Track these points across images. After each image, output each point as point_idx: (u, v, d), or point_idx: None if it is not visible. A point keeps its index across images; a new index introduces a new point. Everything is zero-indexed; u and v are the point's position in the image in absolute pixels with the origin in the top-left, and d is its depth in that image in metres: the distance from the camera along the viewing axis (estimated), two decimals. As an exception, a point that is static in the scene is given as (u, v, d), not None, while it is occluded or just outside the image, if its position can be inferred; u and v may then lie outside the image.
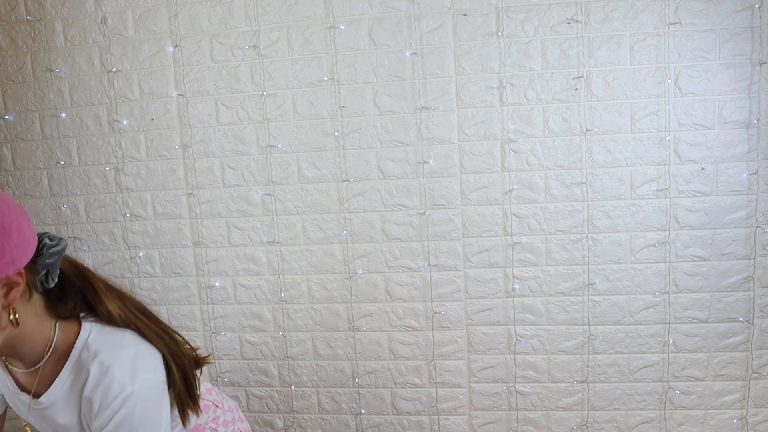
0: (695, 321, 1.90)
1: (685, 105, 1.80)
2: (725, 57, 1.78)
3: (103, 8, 1.99)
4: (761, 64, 1.76)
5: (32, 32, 2.04)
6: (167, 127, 2.02)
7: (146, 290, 2.12)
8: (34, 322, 0.95)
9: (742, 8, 1.75)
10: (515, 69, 1.84)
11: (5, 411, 1.13)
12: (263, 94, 1.94)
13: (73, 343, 0.98)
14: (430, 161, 1.91)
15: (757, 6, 1.74)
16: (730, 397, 1.93)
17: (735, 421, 1.93)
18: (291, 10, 1.90)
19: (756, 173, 1.81)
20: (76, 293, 1.02)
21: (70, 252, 2.13)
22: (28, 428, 1.09)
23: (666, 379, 1.94)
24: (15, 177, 2.13)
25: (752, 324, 1.87)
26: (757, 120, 1.78)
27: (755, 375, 1.90)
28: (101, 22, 2.00)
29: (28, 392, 1.02)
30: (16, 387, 1.04)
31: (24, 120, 2.10)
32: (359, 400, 2.07)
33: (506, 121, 1.86)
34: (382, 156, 1.93)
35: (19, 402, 1.05)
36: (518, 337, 1.97)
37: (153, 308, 2.05)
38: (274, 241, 2.01)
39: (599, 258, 1.90)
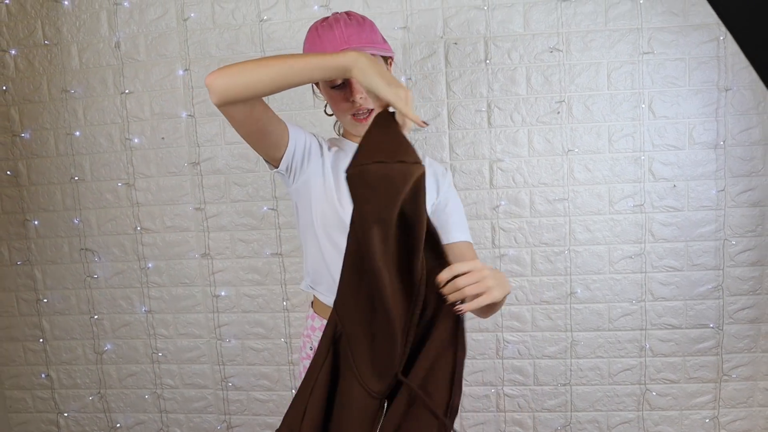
0: (669, 327, 2.11)
1: (658, 127, 2.02)
2: (694, 83, 2.00)
3: (117, 33, 2.19)
4: (726, 90, 1.98)
5: (49, 55, 2.24)
6: (176, 145, 2.21)
7: (155, 299, 2.31)
8: None
9: (709, 39, 1.97)
10: (502, 93, 2.05)
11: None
12: (268, 116, 2.15)
13: None
14: (424, 178, 2.11)
15: (721, 38, 1.96)
16: (703, 398, 2.13)
17: (707, 420, 2.14)
18: (294, 37, 2.10)
19: (723, 190, 2.03)
20: None
21: (83, 264, 2.32)
22: None
23: (643, 382, 2.14)
24: (30, 192, 2.32)
25: (722, 330, 2.09)
26: (724, 141, 2.00)
27: (725, 377, 2.11)
28: (115, 47, 2.20)
29: None
30: None
31: (39, 138, 2.29)
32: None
33: (494, 141, 2.08)
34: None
35: None
36: (506, 343, 2.17)
37: (160, 316, 2.25)
38: (277, 253, 2.20)
39: (580, 269, 2.11)
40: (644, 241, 2.07)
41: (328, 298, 1.33)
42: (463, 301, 1.02)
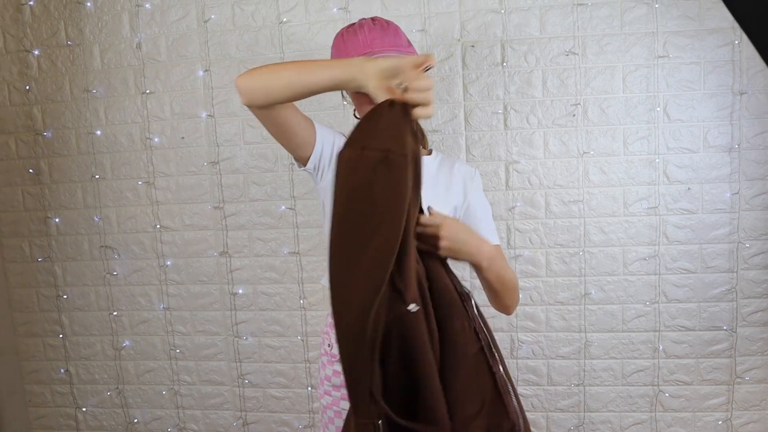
0: (683, 329, 2.13)
1: (673, 130, 2.05)
2: (709, 87, 2.02)
3: (138, 34, 2.24)
4: (741, 94, 2.01)
5: (71, 56, 2.29)
6: (196, 145, 2.26)
7: (173, 296, 2.35)
8: None
9: (724, 44, 2.00)
10: (518, 96, 2.09)
11: None
12: (287, 116, 2.19)
13: None
14: (440, 179, 2.15)
15: (736, 42, 1.99)
16: (716, 400, 2.16)
17: (720, 422, 2.16)
18: (314, 39, 2.14)
19: (738, 193, 2.05)
20: None
21: (103, 261, 2.38)
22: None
23: (656, 383, 2.17)
24: (51, 190, 2.38)
25: (735, 332, 2.11)
26: (738, 145, 2.03)
27: (739, 380, 2.13)
28: (136, 47, 2.25)
29: None
30: None
31: (61, 137, 2.34)
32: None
33: (510, 143, 2.11)
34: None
35: None
36: (520, 343, 2.20)
37: (178, 314, 2.29)
38: (294, 252, 2.25)
39: (594, 270, 2.14)
40: (658, 243, 2.10)
41: None
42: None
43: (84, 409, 2.50)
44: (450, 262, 1.25)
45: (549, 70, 2.07)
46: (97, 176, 2.33)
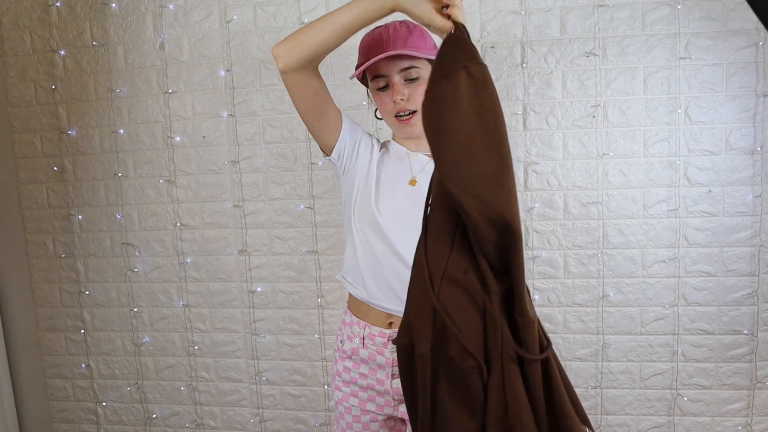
0: (702, 332, 2.13)
1: (694, 132, 2.05)
2: (731, 89, 2.02)
3: (161, 35, 2.29)
4: (765, 95, 2.01)
5: (96, 56, 2.34)
6: (217, 144, 2.30)
7: (192, 294, 2.40)
8: None
9: (747, 45, 2.00)
10: (538, 97, 2.10)
11: None
12: (306, 116, 2.22)
13: None
14: (458, 180, 2.17)
15: (760, 43, 1.99)
16: (736, 405, 2.15)
17: (740, 428, 2.15)
18: (333, 40, 2.17)
19: (760, 196, 2.05)
20: None
21: (124, 258, 2.43)
22: None
23: (675, 387, 2.17)
24: (75, 187, 2.43)
25: (756, 336, 2.10)
26: (761, 147, 2.03)
27: (759, 385, 2.13)
28: (159, 48, 2.30)
29: None
30: None
31: (85, 135, 2.40)
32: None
33: (529, 144, 2.12)
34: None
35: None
36: (537, 344, 2.21)
37: (197, 311, 2.33)
38: (313, 251, 2.28)
39: (613, 272, 2.14)
40: (678, 245, 2.10)
41: (356, 290, 1.42)
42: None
43: (104, 404, 2.56)
44: None
45: (569, 71, 2.08)
46: (119, 174, 2.38)
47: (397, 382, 1.39)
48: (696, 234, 2.09)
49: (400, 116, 1.34)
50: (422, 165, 1.39)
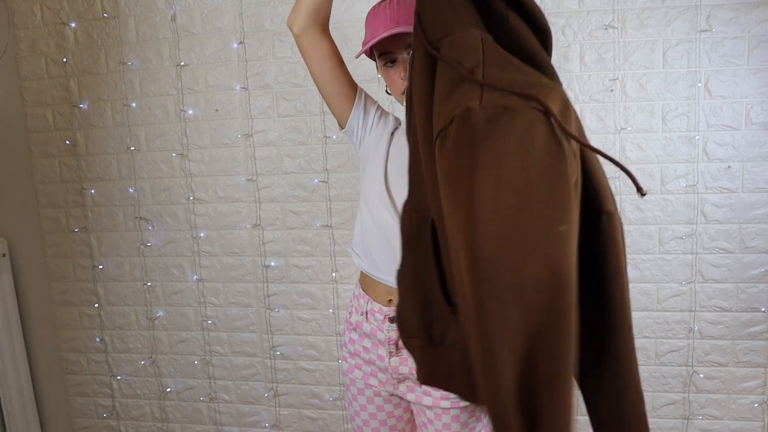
0: (719, 310, 2.13)
1: (713, 107, 2.03)
2: (753, 62, 1.99)
3: (173, 6, 2.27)
4: (788, 69, 1.98)
5: (107, 28, 2.33)
6: (230, 117, 2.30)
7: (206, 268, 2.41)
8: None
9: (771, 17, 1.97)
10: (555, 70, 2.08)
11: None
12: (320, 90, 2.21)
13: None
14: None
15: (784, 16, 1.96)
16: (752, 382, 2.15)
17: (756, 405, 2.16)
18: (348, 11, 2.16)
19: (780, 172, 2.03)
20: None
21: (137, 232, 2.44)
22: None
23: (690, 364, 2.17)
24: (87, 161, 2.44)
25: (773, 313, 2.10)
26: (783, 122, 2.00)
27: (775, 362, 2.13)
28: (171, 20, 2.28)
29: None
30: None
31: (97, 109, 2.40)
32: (401, 375, 2.34)
33: (545, 118, 2.10)
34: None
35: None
36: (551, 320, 2.21)
37: (211, 285, 2.35)
38: (327, 225, 2.28)
39: (630, 248, 2.13)
40: (696, 222, 2.09)
41: (360, 261, 1.44)
42: None
43: (119, 378, 2.59)
44: None
45: (587, 44, 2.06)
46: (132, 148, 2.39)
47: (396, 361, 1.39)
48: (714, 210, 2.08)
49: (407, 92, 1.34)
50: None
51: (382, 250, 1.38)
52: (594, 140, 2.08)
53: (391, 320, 1.38)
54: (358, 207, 1.45)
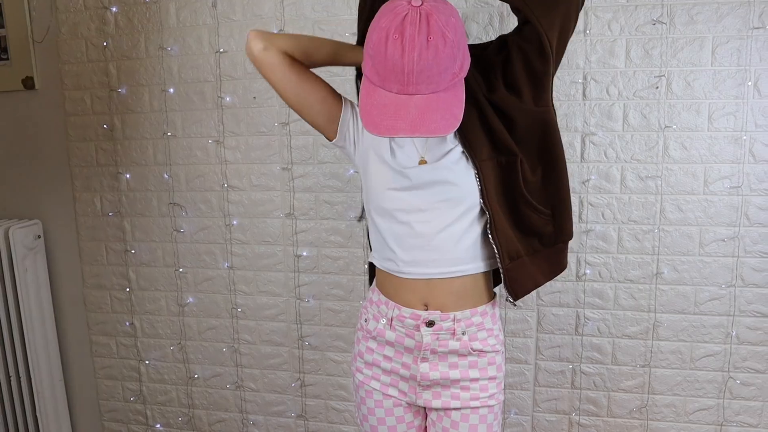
0: (759, 315, 2.08)
1: (763, 107, 1.97)
2: (806, 62, 1.94)
3: (214, -7, 2.27)
4: (841, 70, 1.92)
5: (147, 13, 2.34)
6: (267, 105, 2.29)
7: (237, 256, 2.41)
8: None
9: (825, 16, 1.91)
10: (599, 66, 2.04)
11: None
12: (359, 79, 2.19)
13: None
14: (512, 149, 2.13)
15: (840, 15, 1.90)
16: (790, 390, 2.11)
17: (793, 414, 2.11)
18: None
19: (829, 176, 1.97)
20: None
21: (170, 218, 2.44)
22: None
23: (726, 369, 2.13)
24: (123, 146, 2.45)
25: (816, 321, 2.05)
26: (833, 124, 1.95)
27: (816, 370, 2.07)
28: (212, 6, 2.28)
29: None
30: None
31: (135, 93, 2.40)
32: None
33: (588, 114, 2.07)
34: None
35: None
36: (586, 320, 2.18)
37: (242, 273, 2.34)
38: (361, 217, 2.26)
39: (669, 249, 2.09)
40: (739, 224, 2.04)
41: (385, 263, 1.42)
42: None
43: (147, 362, 2.60)
44: None
45: (633, 39, 2.01)
46: (168, 134, 2.39)
47: (425, 366, 1.37)
48: (758, 213, 2.03)
49: None
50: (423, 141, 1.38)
51: (411, 243, 1.35)
52: (637, 138, 2.05)
53: (429, 324, 1.35)
54: (368, 217, 1.43)
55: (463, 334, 1.37)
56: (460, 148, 1.34)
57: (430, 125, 1.12)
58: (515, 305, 1.95)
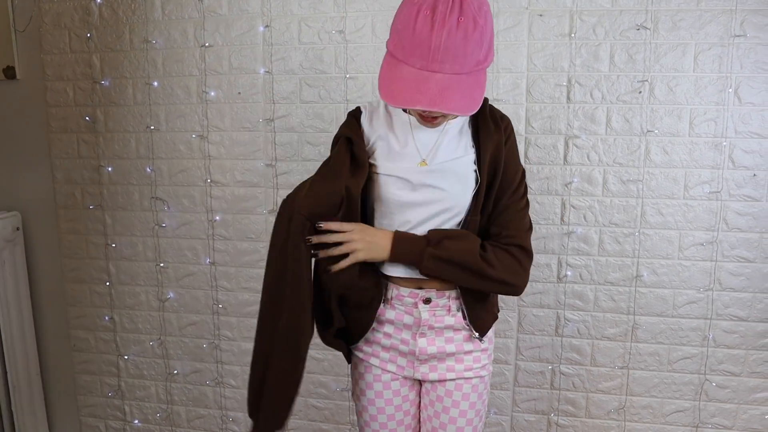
0: (735, 319, 2.10)
1: (743, 114, 2.00)
2: (786, 71, 1.96)
3: (200, -13, 2.25)
4: (820, 79, 1.95)
5: (132, 5, 2.31)
6: (252, 101, 2.27)
7: (219, 252, 2.39)
8: None
9: (806, 26, 1.93)
10: (584, 69, 2.05)
11: None
12: (345, 77, 2.18)
13: None
14: (496, 150, 2.13)
15: (820, 25, 1.92)
16: (764, 393, 2.13)
17: (766, 417, 2.13)
18: (377, 0, 2.12)
19: (806, 183, 2.00)
20: None
21: (152, 212, 2.41)
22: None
23: (703, 372, 2.15)
24: (106, 138, 2.41)
25: (790, 325, 2.07)
26: (812, 132, 1.97)
27: (789, 374, 2.10)
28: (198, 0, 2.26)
29: None
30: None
31: (118, 86, 2.37)
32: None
33: (571, 117, 2.08)
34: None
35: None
36: (566, 321, 2.19)
37: (224, 269, 2.32)
38: (344, 214, 2.25)
39: (649, 252, 2.11)
40: (717, 229, 2.06)
41: (394, 270, 1.44)
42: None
43: (126, 357, 2.57)
44: None
45: (618, 44, 2.02)
46: (151, 127, 2.36)
47: (423, 342, 1.43)
48: (737, 218, 2.05)
49: (425, 114, 1.26)
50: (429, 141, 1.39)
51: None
52: (619, 142, 2.06)
53: (426, 301, 1.40)
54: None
55: (458, 310, 1.42)
56: (472, 160, 1.36)
57: (449, 102, 1.11)
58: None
